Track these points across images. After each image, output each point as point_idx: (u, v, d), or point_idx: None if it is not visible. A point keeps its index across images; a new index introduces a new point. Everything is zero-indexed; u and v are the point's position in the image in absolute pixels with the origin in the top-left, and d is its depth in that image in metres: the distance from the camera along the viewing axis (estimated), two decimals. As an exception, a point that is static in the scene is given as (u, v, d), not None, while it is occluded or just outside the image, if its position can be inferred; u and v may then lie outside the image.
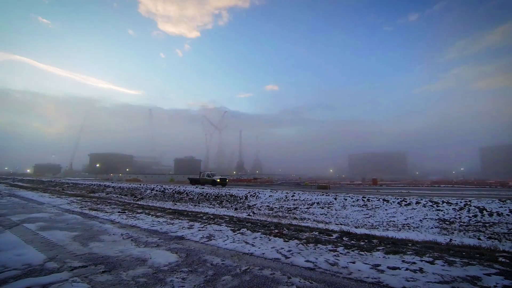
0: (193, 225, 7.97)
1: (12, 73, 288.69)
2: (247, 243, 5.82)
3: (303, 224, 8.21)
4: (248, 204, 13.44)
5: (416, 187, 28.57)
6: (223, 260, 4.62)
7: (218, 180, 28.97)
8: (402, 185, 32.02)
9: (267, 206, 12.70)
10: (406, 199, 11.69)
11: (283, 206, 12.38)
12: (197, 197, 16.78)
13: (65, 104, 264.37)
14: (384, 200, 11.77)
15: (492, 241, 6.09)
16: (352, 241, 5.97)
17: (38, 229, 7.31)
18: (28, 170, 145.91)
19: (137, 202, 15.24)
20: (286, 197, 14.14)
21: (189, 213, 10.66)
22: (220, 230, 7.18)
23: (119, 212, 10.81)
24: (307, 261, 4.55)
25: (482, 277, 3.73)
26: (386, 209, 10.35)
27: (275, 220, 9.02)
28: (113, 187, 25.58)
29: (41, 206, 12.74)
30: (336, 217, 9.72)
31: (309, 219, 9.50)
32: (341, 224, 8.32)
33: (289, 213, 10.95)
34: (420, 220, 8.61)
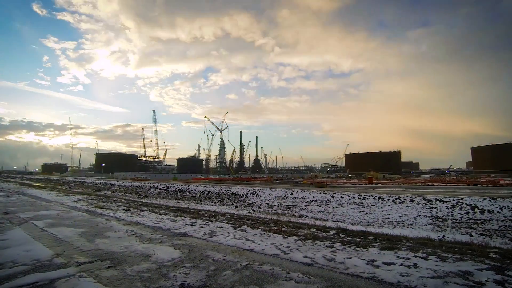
0: (196, 222, 8.14)
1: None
2: (247, 239, 5.97)
3: (301, 221, 8.35)
4: (248, 202, 13.62)
5: (410, 185, 28.68)
6: (224, 256, 4.75)
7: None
8: (397, 184, 32.11)
9: (267, 204, 12.87)
10: (400, 197, 11.83)
11: (282, 204, 12.53)
12: (199, 195, 16.98)
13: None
14: (379, 198, 11.89)
15: (484, 238, 6.20)
16: (349, 238, 6.10)
17: (46, 226, 7.51)
18: (36, 169, 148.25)
19: (141, 200, 15.48)
20: (285, 195, 14.28)
21: (192, 210, 10.84)
22: (222, 227, 7.33)
23: (124, 209, 11.02)
24: (305, 256, 4.68)
25: (473, 272, 3.83)
26: (381, 207, 10.48)
27: (274, 217, 9.16)
28: (118, 185, 25.88)
29: (49, 204, 13.01)
30: (333, 215, 9.85)
31: (307, 216, 9.64)
32: (338, 221, 8.44)
33: (288, 210, 11.09)
34: (414, 217, 8.73)
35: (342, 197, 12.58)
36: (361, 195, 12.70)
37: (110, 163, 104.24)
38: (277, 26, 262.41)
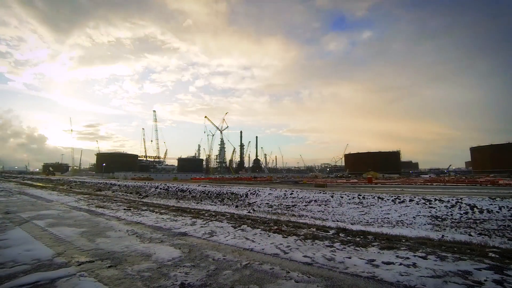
0: (196, 221, 8.16)
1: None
2: (247, 239, 5.99)
3: (301, 221, 8.37)
4: (248, 202, 13.64)
5: (410, 185, 28.74)
6: (225, 256, 4.77)
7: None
8: (396, 184, 32.19)
9: (267, 203, 12.89)
10: (400, 196, 11.80)
11: (282, 204, 12.54)
12: (200, 195, 17.00)
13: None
14: (378, 197, 11.87)
15: (483, 237, 6.21)
16: (348, 237, 6.12)
17: (46, 225, 7.54)
18: (37, 169, 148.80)
19: (142, 200, 15.52)
20: (285, 195, 14.28)
21: (192, 210, 10.86)
22: (222, 227, 7.36)
23: (124, 209, 11.05)
24: (305, 256, 4.70)
25: (473, 272, 3.85)
26: (380, 207, 10.49)
27: (274, 217, 9.18)
28: (118, 185, 25.90)
29: (49, 204, 13.04)
30: (333, 214, 9.86)
31: (307, 216, 9.66)
32: (337, 221, 8.46)
33: (288, 210, 11.11)
34: (414, 217, 8.74)
35: (342, 197, 12.59)
36: (360, 195, 12.70)
37: (111, 163, 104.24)
38: (189, 33, 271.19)
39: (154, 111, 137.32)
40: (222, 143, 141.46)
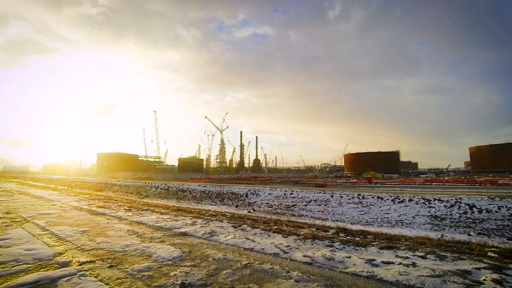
0: (196, 221, 8.17)
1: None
2: (247, 238, 6.00)
3: (301, 220, 8.38)
4: (248, 202, 13.66)
5: (409, 185, 28.84)
6: (225, 255, 4.78)
7: None
8: (396, 183, 32.29)
9: (267, 203, 12.92)
10: (399, 196, 11.84)
11: (282, 204, 12.56)
12: (200, 195, 17.03)
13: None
14: (378, 197, 11.91)
15: (482, 237, 6.25)
16: (348, 237, 6.14)
17: (47, 225, 7.53)
18: (38, 169, 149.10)
19: (142, 200, 15.53)
20: (285, 195, 14.31)
21: (192, 210, 10.87)
22: (222, 227, 7.37)
23: (125, 209, 11.05)
24: (305, 255, 4.71)
25: (472, 271, 3.87)
26: (380, 206, 10.52)
27: (274, 216, 9.20)
28: (119, 185, 25.94)
29: (50, 204, 13.01)
30: (333, 214, 9.88)
31: (307, 216, 9.69)
32: (337, 221, 8.48)
33: (288, 210, 11.13)
34: (413, 217, 8.78)
35: (342, 197, 12.61)
36: (360, 195, 12.73)
37: (112, 163, 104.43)
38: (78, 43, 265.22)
39: (155, 111, 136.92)
40: (222, 143, 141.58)
